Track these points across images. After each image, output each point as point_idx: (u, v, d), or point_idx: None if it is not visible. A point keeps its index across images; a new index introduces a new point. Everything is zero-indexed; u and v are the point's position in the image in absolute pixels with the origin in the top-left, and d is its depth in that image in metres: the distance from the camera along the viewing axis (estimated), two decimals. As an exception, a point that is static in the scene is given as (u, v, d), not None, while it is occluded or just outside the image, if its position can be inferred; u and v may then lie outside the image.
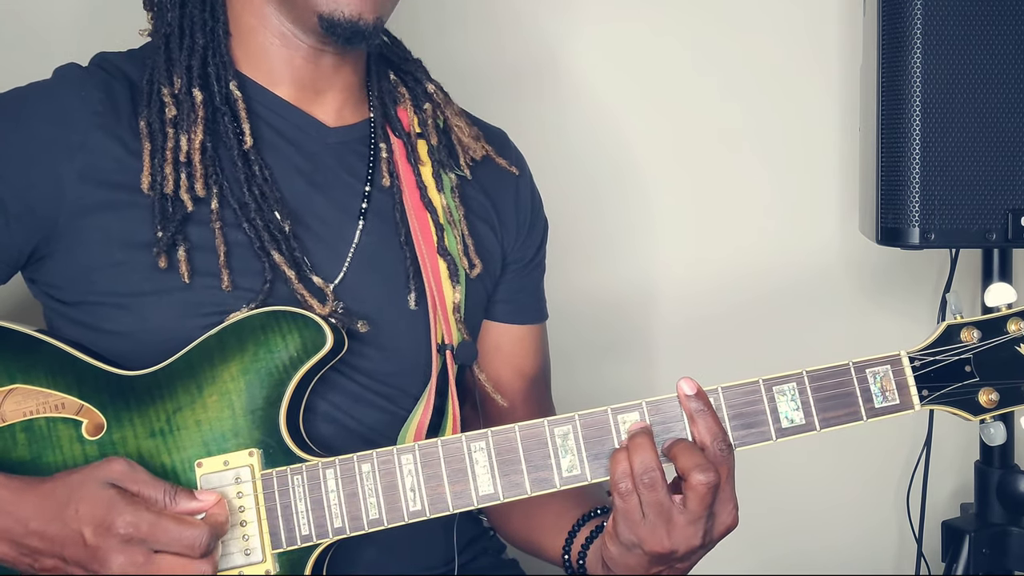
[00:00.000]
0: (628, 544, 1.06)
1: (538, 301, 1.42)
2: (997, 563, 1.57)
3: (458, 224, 1.27)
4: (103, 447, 1.11)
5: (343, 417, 1.19)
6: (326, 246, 1.20)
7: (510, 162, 1.35)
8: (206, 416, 1.11)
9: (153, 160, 1.14)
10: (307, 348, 1.11)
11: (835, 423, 1.08)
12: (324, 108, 1.24)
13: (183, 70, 1.17)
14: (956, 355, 1.08)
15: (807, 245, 1.86)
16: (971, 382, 1.08)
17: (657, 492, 1.02)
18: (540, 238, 1.40)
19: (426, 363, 1.23)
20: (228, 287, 1.13)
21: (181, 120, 1.16)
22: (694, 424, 1.06)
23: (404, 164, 1.26)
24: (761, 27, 1.82)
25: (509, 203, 1.35)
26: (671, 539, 1.04)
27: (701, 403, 1.06)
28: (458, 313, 1.25)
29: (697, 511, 1.03)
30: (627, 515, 1.04)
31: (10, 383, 1.13)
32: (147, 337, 1.13)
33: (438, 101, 1.32)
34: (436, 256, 1.24)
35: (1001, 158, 1.42)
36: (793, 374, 1.08)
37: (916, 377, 1.08)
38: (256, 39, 1.21)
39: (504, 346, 1.37)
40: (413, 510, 1.08)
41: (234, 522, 1.09)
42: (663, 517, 1.03)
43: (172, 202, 1.14)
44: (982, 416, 1.08)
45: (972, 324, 1.09)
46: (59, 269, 1.15)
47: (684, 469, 1.03)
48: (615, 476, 1.04)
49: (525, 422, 1.09)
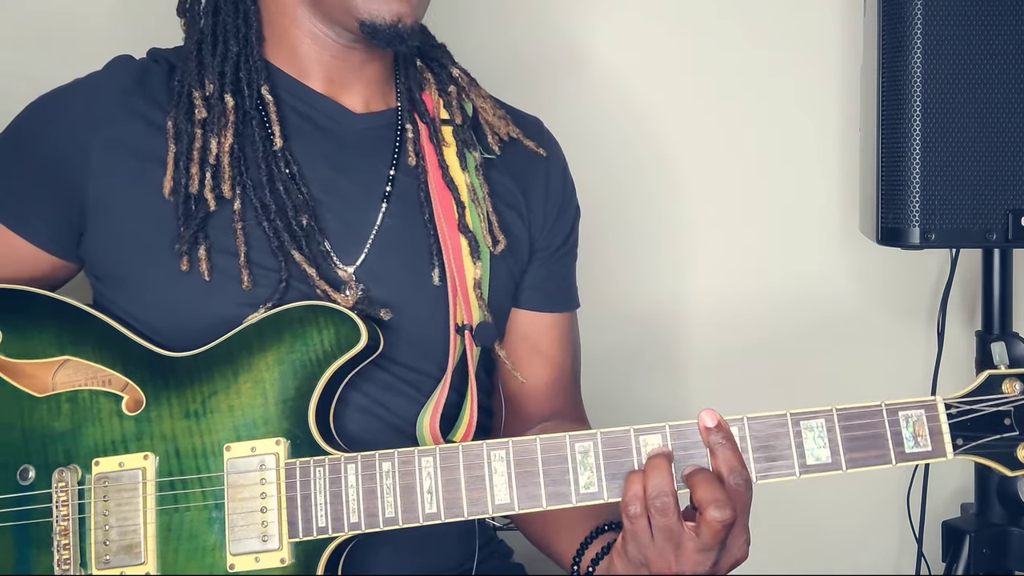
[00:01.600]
0: (636, 563, 1.05)
1: (568, 289, 1.41)
2: (997, 563, 1.54)
3: (482, 202, 1.28)
4: (140, 423, 1.14)
5: (374, 406, 1.20)
6: (348, 228, 1.22)
7: (537, 143, 1.35)
8: (239, 402, 1.13)
9: (178, 162, 1.18)
10: (341, 344, 1.13)
11: (862, 464, 1.05)
12: (352, 98, 1.27)
13: (215, 76, 1.21)
14: (996, 406, 1.04)
15: (806, 245, 1.86)
16: (1010, 435, 1.04)
17: (668, 518, 1.01)
18: (571, 224, 1.39)
19: (446, 344, 1.23)
20: (248, 286, 1.16)
21: (211, 123, 1.19)
22: (714, 456, 1.04)
23: (428, 146, 1.28)
24: (761, 27, 1.82)
25: (539, 188, 1.35)
26: (678, 564, 1.02)
27: (721, 436, 1.04)
28: (479, 290, 1.25)
29: (709, 543, 1.02)
30: (636, 536, 1.03)
31: (60, 354, 1.17)
32: (169, 321, 1.17)
33: (463, 85, 1.33)
34: (457, 234, 1.25)
35: (1001, 158, 1.41)
36: (822, 410, 1.06)
37: (951, 425, 1.04)
38: (288, 39, 1.25)
39: (531, 335, 1.36)
40: (428, 512, 1.08)
41: (255, 508, 1.11)
42: (672, 542, 1.02)
43: (195, 201, 1.17)
44: (1019, 472, 1.04)
45: (1016, 376, 1.05)
46: (95, 242, 1.21)
47: (701, 502, 1.01)
48: (626, 497, 1.03)
49: (547, 435, 1.08)
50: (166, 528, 1.11)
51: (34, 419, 1.16)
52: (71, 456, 1.14)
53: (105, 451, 1.14)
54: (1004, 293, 1.60)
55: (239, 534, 1.10)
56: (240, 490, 1.11)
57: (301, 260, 1.17)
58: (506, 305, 1.34)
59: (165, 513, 1.12)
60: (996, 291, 1.60)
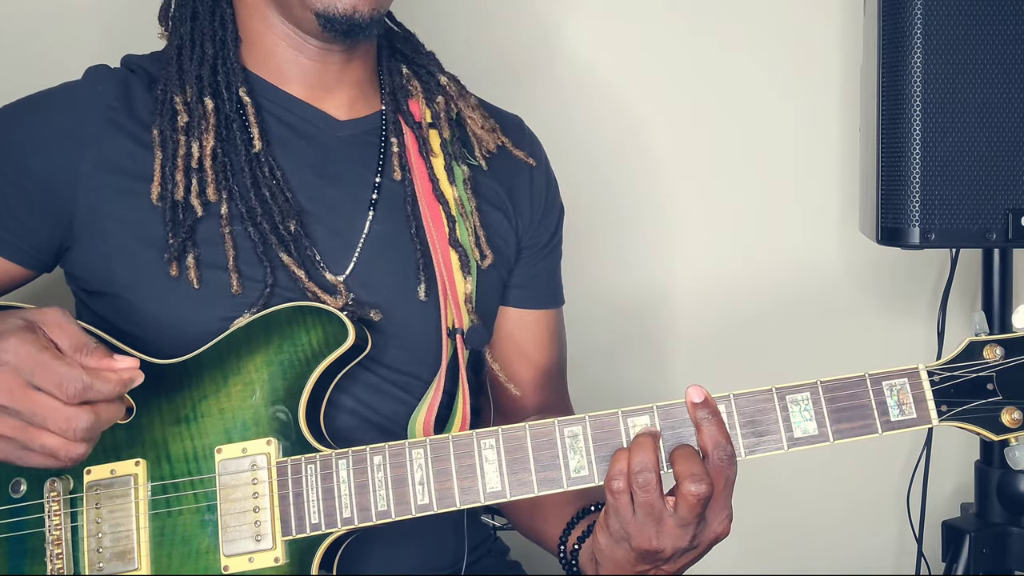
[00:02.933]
0: (617, 537, 1.06)
1: (553, 287, 1.42)
2: (997, 563, 1.53)
3: (470, 216, 1.29)
4: (131, 431, 1.14)
5: (362, 408, 1.21)
6: (336, 237, 1.23)
7: (526, 152, 1.37)
8: (229, 405, 1.14)
9: (164, 169, 1.19)
10: (329, 343, 1.14)
11: (849, 435, 1.05)
12: (334, 103, 1.28)
13: (194, 79, 1.22)
14: (977, 372, 1.06)
15: (807, 245, 1.87)
16: (993, 400, 1.05)
17: (650, 493, 1.02)
18: (555, 223, 1.41)
19: (437, 349, 1.24)
20: (238, 290, 1.17)
21: (193, 127, 1.20)
22: (699, 431, 1.05)
23: (416, 157, 1.29)
24: (761, 27, 1.84)
25: (523, 188, 1.37)
26: (659, 539, 1.03)
27: (707, 411, 1.05)
28: (470, 304, 1.26)
29: (687, 518, 1.03)
30: (618, 511, 1.04)
31: (49, 368, 1.18)
32: (161, 332, 1.17)
33: (451, 93, 1.34)
34: (448, 248, 1.26)
35: (1001, 158, 1.42)
36: (807, 383, 1.07)
37: (935, 392, 1.05)
38: (264, 43, 1.25)
39: (517, 332, 1.38)
40: (421, 504, 1.09)
41: (247, 508, 1.11)
42: (653, 517, 1.03)
43: (183, 208, 1.18)
44: (1005, 436, 1.05)
45: (996, 342, 1.06)
46: (82, 259, 1.21)
47: (679, 475, 1.03)
48: (611, 473, 1.04)
49: (536, 421, 1.09)
50: (159, 532, 1.11)
51: (24, 432, 1.16)
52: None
53: (96, 459, 1.13)
54: (1004, 293, 1.61)
55: (232, 535, 1.10)
56: (232, 491, 1.11)
57: (290, 263, 1.18)
58: (494, 307, 1.35)
59: (158, 517, 1.12)
60: (996, 291, 1.60)
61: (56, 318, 1.03)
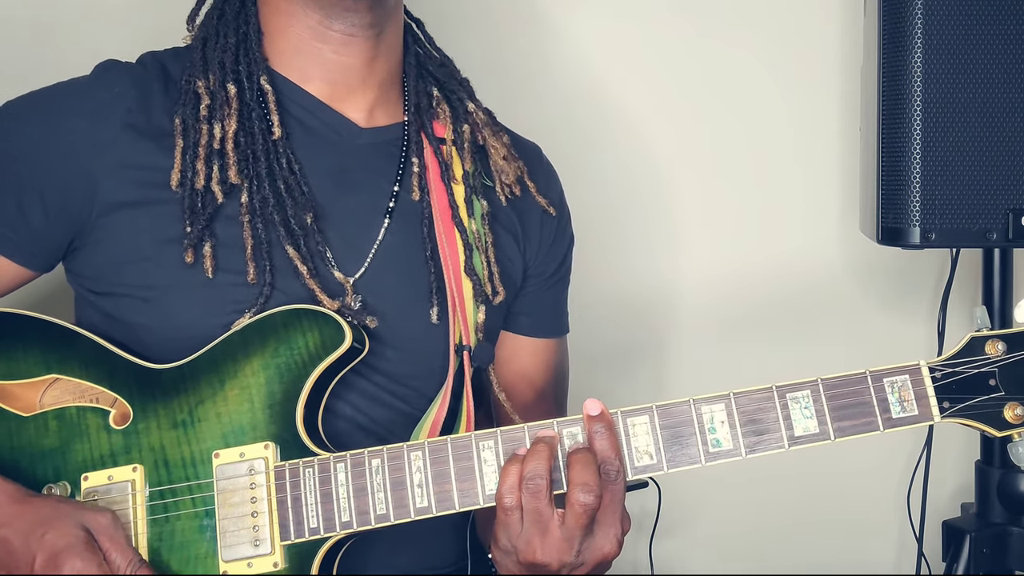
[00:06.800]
0: (505, 550, 1.06)
1: (558, 316, 1.42)
2: (998, 563, 1.52)
3: (487, 251, 1.28)
4: (128, 436, 1.14)
5: (359, 417, 1.20)
6: (349, 240, 1.22)
7: (538, 187, 1.35)
8: (226, 409, 1.13)
9: (184, 157, 1.17)
10: (326, 345, 1.13)
11: (850, 432, 1.05)
12: (356, 107, 1.26)
13: (217, 66, 1.21)
14: (979, 367, 1.05)
15: (807, 245, 1.86)
16: (996, 396, 1.04)
17: (539, 500, 1.02)
18: (564, 252, 1.40)
19: (443, 365, 1.24)
20: (254, 279, 1.16)
21: (215, 111, 1.19)
22: (591, 443, 1.05)
23: (437, 181, 1.28)
24: (761, 27, 1.84)
25: (535, 216, 1.36)
26: (543, 551, 1.04)
27: (602, 425, 1.05)
28: (480, 333, 1.26)
29: (573, 529, 1.03)
30: (508, 527, 1.04)
31: (47, 373, 1.17)
32: (169, 332, 1.16)
33: (477, 122, 1.33)
34: (462, 275, 1.26)
35: (1001, 158, 1.41)
36: (807, 381, 1.06)
37: (936, 388, 1.04)
38: (287, 38, 1.24)
39: (518, 358, 1.38)
40: (420, 507, 1.08)
41: (245, 512, 1.10)
42: (539, 527, 1.03)
43: (202, 197, 1.17)
44: (1007, 432, 1.04)
45: (998, 337, 1.05)
46: (90, 260, 1.19)
47: (571, 482, 1.03)
48: (501, 489, 1.04)
49: (535, 423, 1.08)
50: (157, 538, 1.11)
51: (22, 439, 1.15)
52: (60, 473, 1.14)
53: (94, 466, 1.13)
54: (1004, 293, 1.60)
55: (230, 540, 1.10)
56: (230, 496, 1.11)
57: (294, 256, 1.17)
58: (498, 328, 1.35)
59: (156, 523, 1.11)
60: (996, 291, 1.59)
61: (107, 527, 1.07)
